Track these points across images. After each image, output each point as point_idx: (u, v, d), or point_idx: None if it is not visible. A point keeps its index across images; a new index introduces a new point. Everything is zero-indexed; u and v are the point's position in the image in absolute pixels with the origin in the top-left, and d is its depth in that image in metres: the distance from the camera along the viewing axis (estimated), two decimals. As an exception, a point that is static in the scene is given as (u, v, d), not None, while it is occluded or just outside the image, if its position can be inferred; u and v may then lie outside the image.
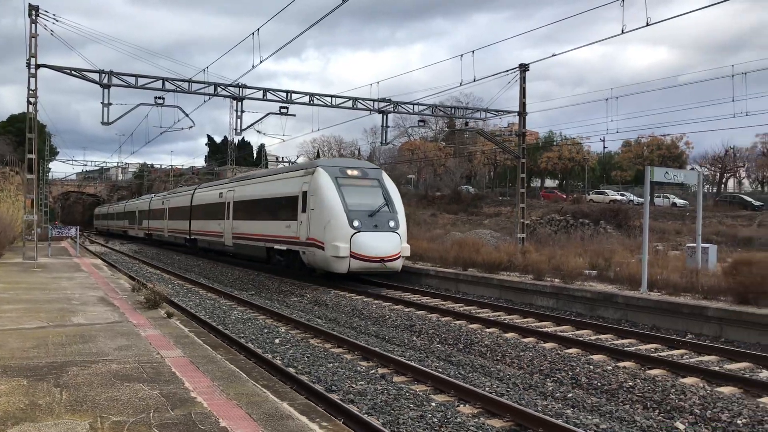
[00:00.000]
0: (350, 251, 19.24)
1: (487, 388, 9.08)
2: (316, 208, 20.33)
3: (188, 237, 36.80)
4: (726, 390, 9.09)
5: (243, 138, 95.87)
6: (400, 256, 20.14)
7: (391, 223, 20.20)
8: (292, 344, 12.06)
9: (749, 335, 12.55)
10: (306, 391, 8.25)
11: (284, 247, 22.72)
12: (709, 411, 8.08)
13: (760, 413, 7.87)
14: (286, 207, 22.73)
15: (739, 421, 7.72)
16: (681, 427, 7.64)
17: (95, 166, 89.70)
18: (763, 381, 9.55)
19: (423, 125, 41.97)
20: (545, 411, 8.00)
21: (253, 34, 22.37)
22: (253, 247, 26.20)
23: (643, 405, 8.58)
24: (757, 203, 55.14)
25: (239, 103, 26.70)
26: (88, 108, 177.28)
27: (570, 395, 8.95)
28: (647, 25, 16.82)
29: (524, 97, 27.75)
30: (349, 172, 21.31)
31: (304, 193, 21.25)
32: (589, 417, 7.87)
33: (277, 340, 12.38)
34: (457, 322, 14.36)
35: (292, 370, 9.77)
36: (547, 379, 9.91)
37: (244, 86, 26.05)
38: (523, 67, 27.45)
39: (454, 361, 11.03)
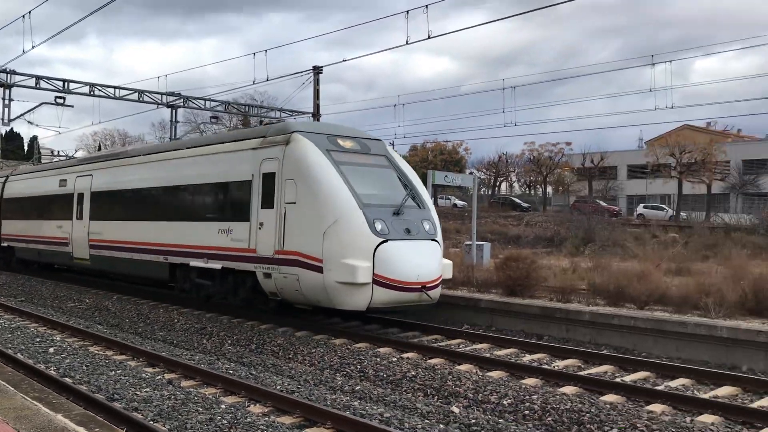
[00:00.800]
0: (373, 273, 11.94)
1: (278, 387, 9.16)
2: (301, 202, 12.61)
3: None
4: (495, 374, 10.02)
5: (12, 129, 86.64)
6: (442, 280, 13.30)
7: (427, 226, 13.01)
8: (69, 353, 11.22)
9: (516, 323, 13.90)
10: (85, 402, 7.75)
11: (217, 266, 14.48)
12: (481, 394, 8.85)
13: (523, 393, 8.78)
14: (222, 200, 15.02)
15: (505, 402, 8.55)
16: (456, 410, 8.29)
17: None
18: (526, 364, 10.66)
19: (216, 122, 41.03)
20: (334, 404, 8.26)
21: (24, 16, 20.46)
22: (141, 263, 17.31)
23: (424, 392, 9.18)
24: (525, 205, 61.29)
25: (7, 91, 24.30)
26: None
27: (358, 388, 9.32)
28: (429, 37, 18.01)
29: (318, 98, 28.29)
30: (342, 142, 13.62)
31: (268, 177, 13.38)
32: (375, 407, 8.26)
33: (51, 349, 11.44)
34: (250, 323, 14.27)
35: (68, 380, 9.11)
36: (337, 374, 10.22)
37: (14, 72, 23.76)
38: (317, 70, 27.98)
39: (246, 362, 10.97)
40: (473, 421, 7.85)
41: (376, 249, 11.90)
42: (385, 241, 12.02)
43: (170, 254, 16.09)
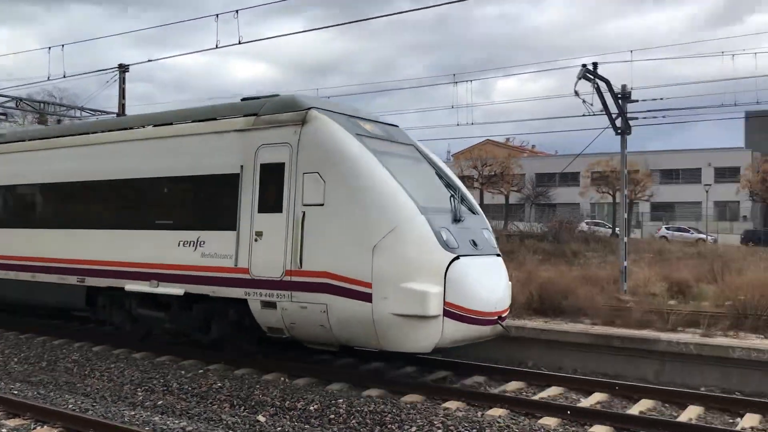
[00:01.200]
0: (444, 302, 8.91)
1: (70, 406, 8.56)
2: (333, 203, 9.37)
3: None
4: (302, 381, 10.02)
5: None
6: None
7: (486, 234, 10.29)
8: None
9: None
10: None
11: (178, 291, 10.79)
12: (288, 401, 8.89)
13: (329, 398, 8.93)
14: (186, 200, 11.38)
15: (312, 408, 8.65)
16: (262, 419, 8.27)
17: None
18: (333, 370, 10.85)
19: (5, 119, 37.36)
20: (132, 421, 7.87)
21: None
22: (36, 286, 12.98)
23: (231, 403, 9.03)
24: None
25: None
26: None
27: (161, 402, 8.97)
28: (240, 42, 17.84)
29: (123, 98, 26.93)
30: (364, 125, 10.41)
31: (270, 169, 10.02)
32: (177, 421, 7.98)
33: None
34: (41, 338, 13.18)
35: None
36: (139, 389, 9.76)
37: None
38: (123, 68, 26.62)
39: (35, 381, 10.15)
40: (279, 428, 7.89)
41: (448, 268, 8.93)
42: (457, 257, 9.03)
43: (89, 274, 12.07)
